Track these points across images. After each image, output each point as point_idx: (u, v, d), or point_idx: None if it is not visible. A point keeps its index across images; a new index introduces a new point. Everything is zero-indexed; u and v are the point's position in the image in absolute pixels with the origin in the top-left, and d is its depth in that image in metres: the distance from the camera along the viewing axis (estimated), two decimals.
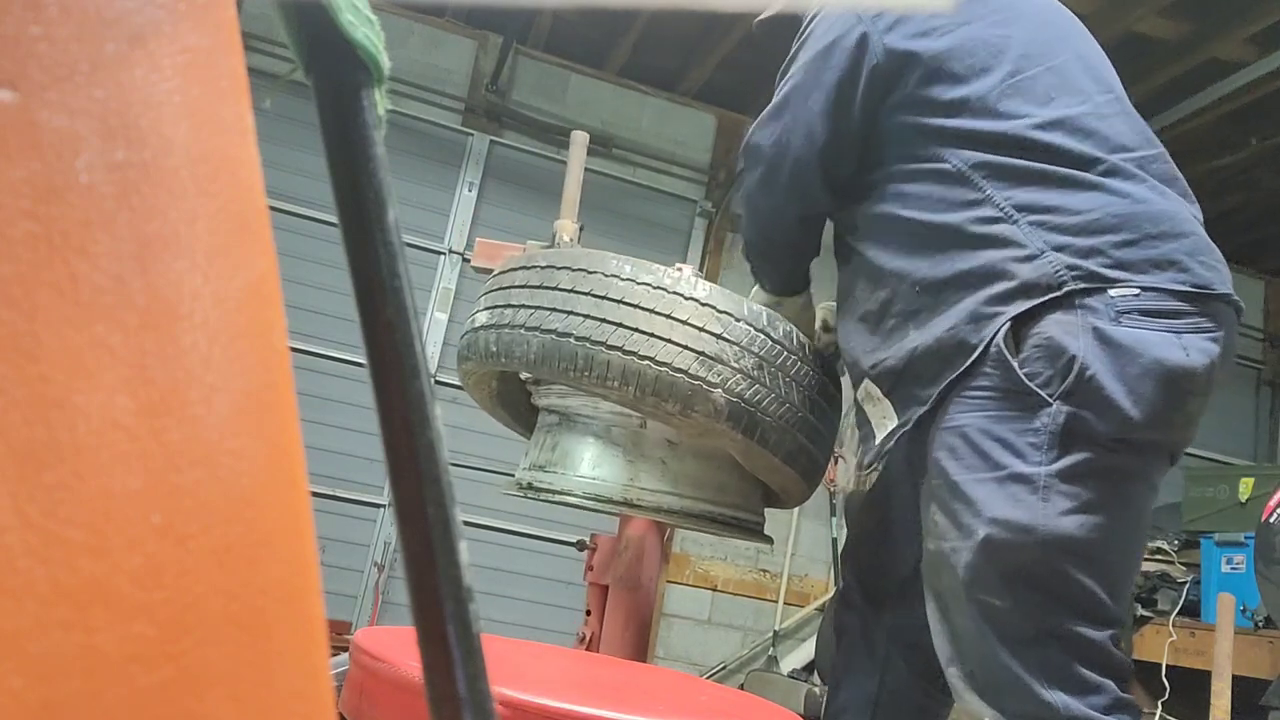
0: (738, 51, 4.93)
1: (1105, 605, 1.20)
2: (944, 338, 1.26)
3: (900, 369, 1.32)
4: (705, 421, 1.38)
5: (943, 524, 1.26)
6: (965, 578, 1.21)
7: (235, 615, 0.28)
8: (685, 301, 1.37)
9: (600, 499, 1.51)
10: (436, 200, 4.99)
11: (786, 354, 1.43)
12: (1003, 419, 1.22)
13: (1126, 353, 1.18)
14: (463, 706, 0.32)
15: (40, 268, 0.26)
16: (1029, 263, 1.23)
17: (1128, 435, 1.19)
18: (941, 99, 1.33)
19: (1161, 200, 1.27)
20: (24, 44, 0.26)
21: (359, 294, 0.34)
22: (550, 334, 1.38)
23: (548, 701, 0.91)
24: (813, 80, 1.39)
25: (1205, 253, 1.26)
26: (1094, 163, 1.27)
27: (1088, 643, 1.19)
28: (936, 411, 1.28)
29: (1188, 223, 1.27)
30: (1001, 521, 1.18)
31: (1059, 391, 1.19)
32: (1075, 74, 1.36)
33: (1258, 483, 3.98)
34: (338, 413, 4.49)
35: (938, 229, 1.31)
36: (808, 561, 5.26)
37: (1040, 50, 1.36)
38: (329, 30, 0.34)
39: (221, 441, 0.29)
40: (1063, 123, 1.30)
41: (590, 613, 1.77)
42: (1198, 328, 1.21)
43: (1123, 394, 1.17)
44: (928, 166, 1.33)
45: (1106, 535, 1.20)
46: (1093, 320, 1.19)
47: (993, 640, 1.20)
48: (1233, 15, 4.00)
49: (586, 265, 1.41)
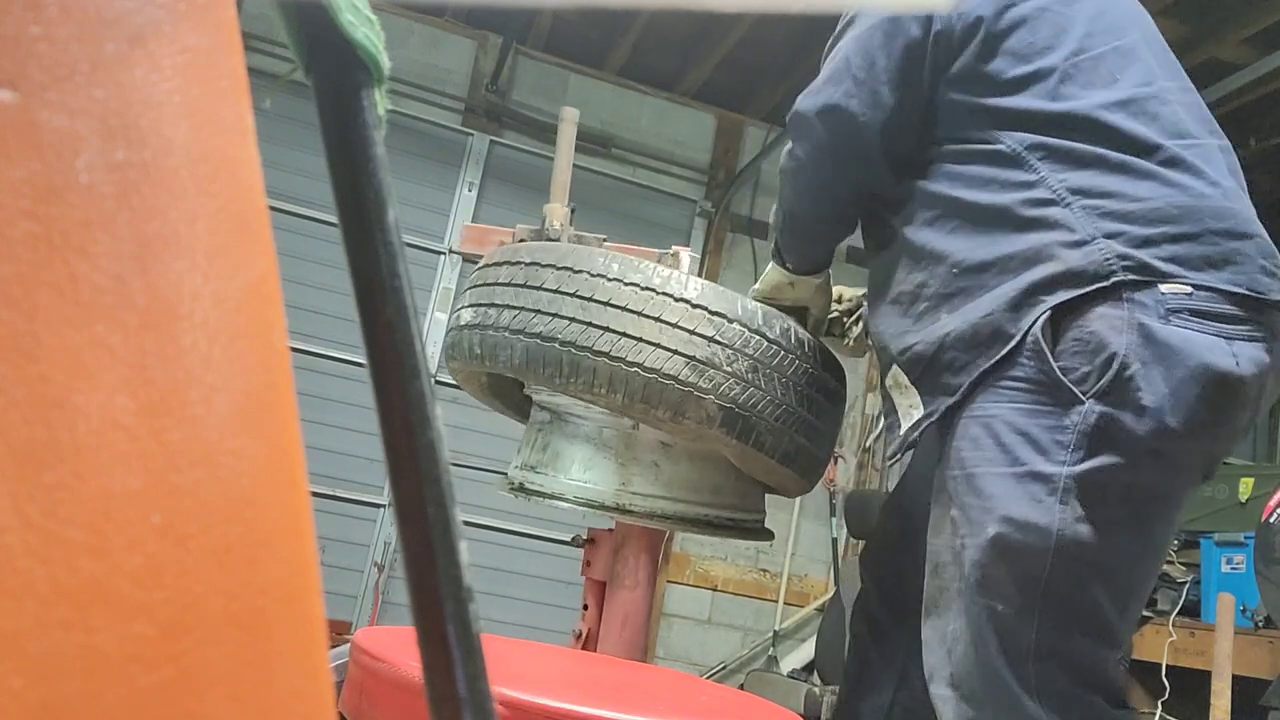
0: (737, 51, 4.93)
1: (1112, 625, 1.14)
2: (980, 324, 1.18)
3: (930, 356, 1.24)
4: (697, 428, 1.34)
5: (955, 518, 1.19)
6: (972, 577, 1.15)
7: (235, 615, 0.28)
8: (675, 303, 1.32)
9: (592, 504, 1.47)
10: (436, 200, 4.99)
11: (783, 353, 1.38)
12: (1032, 413, 1.14)
13: (1172, 354, 1.10)
14: (463, 706, 0.32)
15: (40, 268, 0.26)
16: (1078, 249, 1.14)
17: (1163, 445, 1.11)
18: (1001, 76, 1.26)
19: (1225, 196, 1.19)
20: (24, 44, 0.26)
21: (359, 294, 0.34)
22: (535, 338, 1.33)
23: (548, 701, 0.91)
24: (878, 45, 1.29)
25: (1268, 256, 1.18)
26: (1156, 149, 1.19)
27: (1088, 662, 1.13)
28: (965, 402, 1.20)
29: (1252, 223, 1.19)
30: (1014, 521, 1.12)
31: (1094, 389, 1.11)
32: (1142, 55, 1.28)
33: (1258, 483, 3.98)
34: (338, 413, 4.49)
35: (984, 209, 1.23)
36: (808, 561, 5.26)
37: (1106, 28, 1.28)
38: (329, 30, 0.34)
39: (221, 441, 0.29)
40: (1126, 104, 1.22)
41: (587, 608, 1.76)
42: (1250, 335, 1.13)
43: (1163, 398, 1.09)
44: (981, 147, 1.26)
45: (1125, 549, 1.13)
46: (1140, 316, 1.11)
47: (991, 648, 1.14)
48: (1231, 16, 4.00)
49: (572, 264, 1.36)
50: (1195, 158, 1.20)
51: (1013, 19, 1.27)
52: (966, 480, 1.18)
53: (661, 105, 5.46)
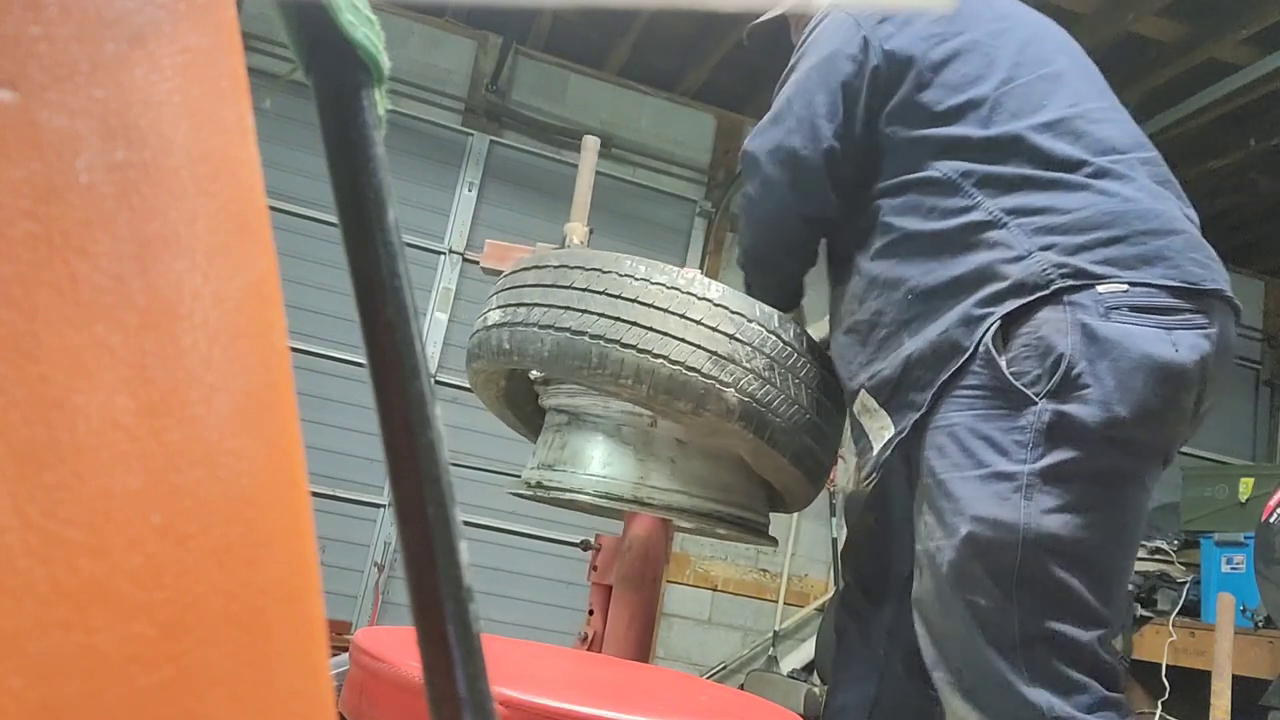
0: (737, 51, 4.92)
1: (1091, 606, 1.20)
2: (937, 341, 1.28)
3: (897, 378, 1.33)
4: (717, 421, 1.39)
5: (930, 523, 1.27)
6: (949, 576, 1.22)
7: (235, 615, 0.28)
8: (699, 302, 1.39)
9: (612, 497, 1.51)
10: (436, 200, 4.99)
11: (796, 356, 1.44)
12: (989, 417, 1.23)
13: (1114, 348, 1.18)
14: (463, 706, 0.32)
15: (40, 268, 0.26)
16: (1018, 263, 1.24)
17: (1116, 433, 1.19)
18: (935, 108, 1.36)
19: (1151, 199, 1.28)
20: (24, 44, 0.26)
21: (359, 294, 0.34)
22: (564, 331, 1.38)
23: (548, 701, 0.91)
24: (816, 84, 1.42)
25: (1196, 249, 1.27)
26: (1082, 165, 1.29)
27: (1074, 643, 1.18)
28: (930, 414, 1.29)
29: (1178, 220, 1.28)
30: (984, 519, 1.19)
31: (1045, 390, 1.19)
32: (1069, 79, 1.38)
33: (1257, 483, 3.98)
34: (338, 413, 4.49)
35: (929, 237, 1.33)
36: (808, 561, 5.26)
37: (1034, 58, 1.38)
38: (329, 30, 0.34)
39: (221, 441, 0.29)
40: (1053, 126, 1.31)
41: (593, 612, 1.78)
42: (1189, 323, 1.21)
43: (1110, 390, 1.17)
44: (919, 176, 1.36)
45: (1093, 535, 1.20)
46: (1081, 316, 1.20)
47: (980, 641, 1.20)
48: (1230, 16, 4.00)
49: (600, 265, 1.42)
50: (1122, 169, 1.30)
51: (944, 53, 1.37)
52: (937, 487, 1.26)
53: (661, 105, 5.46)
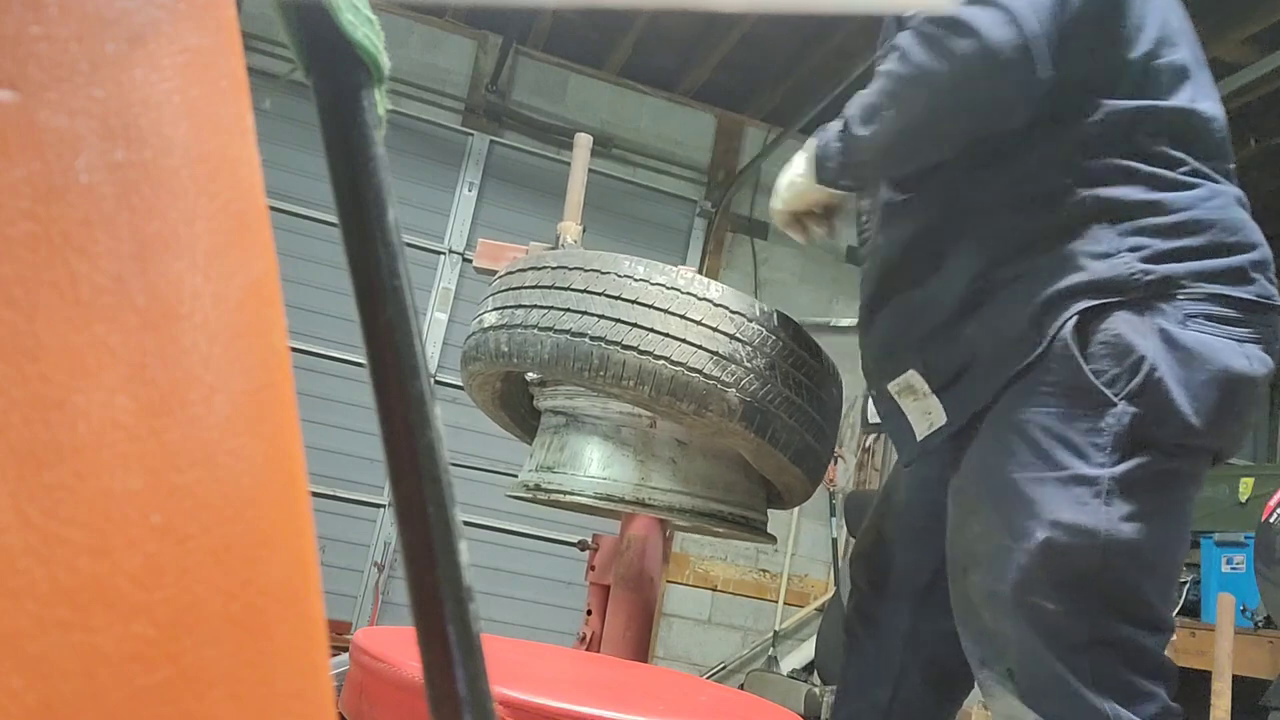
0: (737, 51, 4.93)
1: (1159, 611, 1.19)
2: (1007, 332, 1.21)
3: (957, 367, 1.26)
4: (719, 421, 1.38)
5: (991, 522, 1.21)
6: (1015, 579, 1.17)
7: (235, 615, 0.28)
8: (699, 302, 1.38)
9: (612, 499, 1.50)
10: (436, 200, 4.99)
11: (796, 354, 1.43)
12: (1066, 417, 1.17)
13: (1194, 358, 1.15)
14: (463, 706, 0.32)
15: (40, 268, 0.26)
16: (1103, 260, 1.19)
17: (1190, 440, 1.17)
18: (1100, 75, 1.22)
19: (1238, 209, 1.25)
20: (24, 44, 0.26)
21: (359, 294, 0.34)
22: (564, 334, 1.37)
23: (548, 701, 0.91)
24: None
25: (1269, 266, 1.25)
26: (1181, 163, 1.23)
27: (1142, 649, 1.17)
28: (992, 408, 1.23)
29: (1257, 233, 1.25)
30: (1064, 525, 1.14)
31: (1125, 391, 1.15)
32: (1194, 70, 1.28)
33: (1258, 483, 3.98)
34: (338, 413, 4.49)
35: (1014, 219, 1.24)
36: (808, 561, 5.26)
37: (1174, 33, 1.27)
38: (329, 30, 0.34)
39: (221, 441, 0.29)
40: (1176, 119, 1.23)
41: (591, 612, 1.77)
42: (1257, 337, 1.20)
43: (1187, 400, 1.15)
44: (1036, 145, 1.23)
45: (1164, 540, 1.18)
46: (1160, 322, 1.16)
47: (1039, 645, 1.16)
48: (1231, 16, 3.99)
49: (599, 266, 1.41)
50: (1218, 173, 1.25)
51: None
52: (1005, 488, 1.20)
53: (661, 105, 5.46)
